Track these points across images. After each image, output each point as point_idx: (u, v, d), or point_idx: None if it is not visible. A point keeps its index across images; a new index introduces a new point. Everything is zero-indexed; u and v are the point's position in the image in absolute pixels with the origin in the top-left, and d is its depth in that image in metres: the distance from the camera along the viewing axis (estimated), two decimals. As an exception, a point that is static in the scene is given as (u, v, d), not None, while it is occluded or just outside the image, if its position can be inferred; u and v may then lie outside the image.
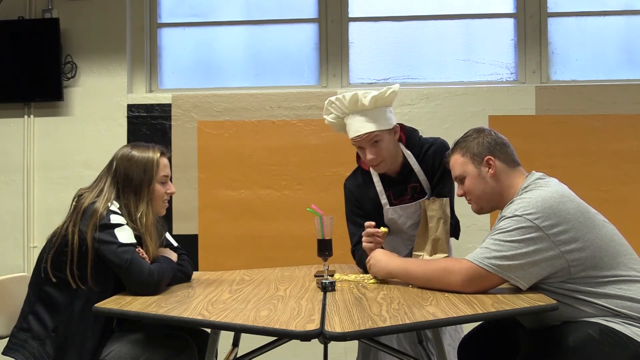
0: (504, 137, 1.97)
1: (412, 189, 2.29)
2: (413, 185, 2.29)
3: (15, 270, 3.33)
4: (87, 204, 1.92)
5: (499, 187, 1.91)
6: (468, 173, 1.94)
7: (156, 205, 2.06)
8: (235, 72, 3.74)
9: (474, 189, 1.94)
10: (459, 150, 1.96)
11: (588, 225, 1.72)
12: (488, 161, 1.90)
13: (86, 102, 3.59)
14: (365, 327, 1.42)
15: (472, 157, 1.93)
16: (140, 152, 2.03)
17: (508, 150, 1.94)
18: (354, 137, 2.19)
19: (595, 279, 1.71)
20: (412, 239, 2.28)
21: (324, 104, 2.32)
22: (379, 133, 2.16)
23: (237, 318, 1.53)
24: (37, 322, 1.89)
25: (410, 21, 3.65)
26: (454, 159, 1.97)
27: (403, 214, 2.30)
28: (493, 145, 1.92)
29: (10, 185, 3.60)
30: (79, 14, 3.58)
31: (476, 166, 1.92)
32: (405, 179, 2.29)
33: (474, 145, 1.93)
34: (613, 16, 3.58)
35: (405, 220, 2.31)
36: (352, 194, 2.36)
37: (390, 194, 2.30)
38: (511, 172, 1.91)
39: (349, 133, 2.23)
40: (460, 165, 1.95)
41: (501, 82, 3.59)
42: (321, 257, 1.94)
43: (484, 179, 1.91)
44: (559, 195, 1.74)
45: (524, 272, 1.72)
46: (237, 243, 3.51)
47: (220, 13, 3.75)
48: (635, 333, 1.65)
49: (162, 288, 1.93)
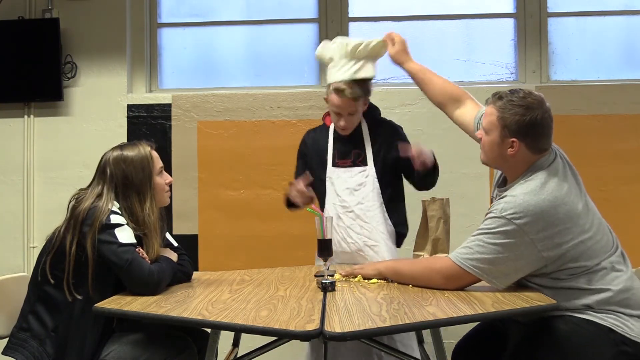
0: (549, 121, 1.84)
1: (355, 154, 2.47)
2: (357, 152, 2.47)
3: (15, 270, 3.33)
4: (88, 208, 1.89)
5: (511, 164, 1.86)
6: (491, 134, 1.85)
7: (160, 197, 2.06)
8: (235, 72, 3.74)
9: (488, 150, 1.88)
10: (497, 109, 1.83)
11: (575, 231, 1.73)
12: (513, 143, 1.81)
13: (86, 102, 3.59)
14: (365, 327, 1.42)
15: (503, 128, 1.82)
16: (132, 152, 2.01)
17: (541, 139, 1.83)
18: (345, 88, 2.33)
19: (566, 271, 1.75)
20: (344, 206, 2.43)
21: (324, 104, 2.35)
22: (357, 107, 2.39)
23: (237, 318, 1.53)
24: (37, 322, 1.89)
25: (410, 21, 3.64)
26: (491, 110, 1.85)
27: (341, 175, 2.46)
28: (529, 130, 1.80)
29: (10, 185, 3.60)
30: (79, 14, 3.57)
31: (501, 137, 1.83)
32: (353, 142, 2.49)
33: (511, 118, 1.80)
34: (613, 16, 3.58)
35: (341, 183, 2.46)
36: (306, 145, 2.63)
37: (336, 153, 2.50)
38: (531, 157, 1.84)
39: (338, 75, 2.36)
40: (490, 122, 1.85)
41: (501, 82, 3.59)
42: (321, 257, 1.94)
43: (501, 151, 1.84)
44: (552, 199, 1.74)
45: (503, 276, 1.77)
46: (237, 243, 3.50)
47: (220, 13, 3.74)
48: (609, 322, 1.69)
49: (162, 288, 1.93)
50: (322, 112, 3.56)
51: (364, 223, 2.42)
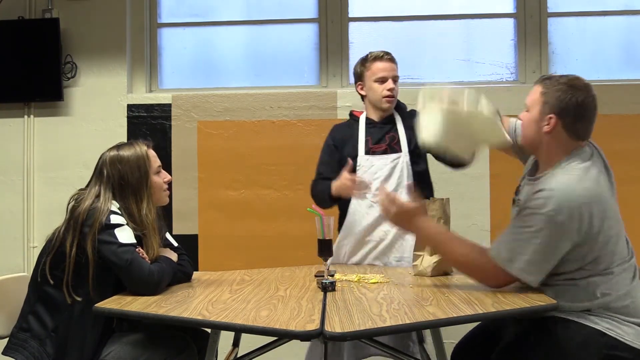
0: (593, 107, 1.81)
1: (390, 138, 2.54)
2: (392, 135, 2.54)
3: (15, 270, 3.33)
4: (87, 209, 1.89)
5: (546, 145, 1.82)
6: (532, 111, 1.83)
7: (158, 196, 2.06)
8: (235, 72, 3.74)
9: (527, 126, 1.86)
10: (543, 87, 1.83)
11: (604, 232, 1.72)
12: (550, 119, 1.78)
13: (86, 102, 3.59)
14: (365, 327, 1.42)
15: (544, 103, 1.80)
16: (128, 151, 2.00)
17: (580, 123, 1.80)
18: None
19: (582, 271, 1.73)
20: (377, 194, 2.40)
21: (324, 104, 2.36)
22: (398, 74, 2.58)
23: (237, 318, 1.53)
24: (37, 322, 1.89)
25: (410, 21, 3.64)
26: (537, 88, 1.84)
27: (375, 163, 2.48)
28: (568, 109, 1.78)
29: (10, 185, 3.60)
30: (79, 14, 3.57)
31: (540, 114, 1.81)
32: (387, 125, 2.57)
33: (555, 95, 1.79)
34: (613, 16, 3.58)
35: (375, 171, 2.47)
36: (334, 138, 2.64)
37: (370, 139, 2.54)
38: (568, 142, 1.80)
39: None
40: (533, 100, 1.84)
41: (501, 82, 3.59)
42: (321, 257, 1.94)
43: (538, 129, 1.81)
44: (590, 196, 1.71)
45: (538, 272, 1.73)
46: (237, 243, 3.50)
47: (220, 13, 3.74)
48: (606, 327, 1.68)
49: (162, 288, 1.93)
50: (322, 112, 3.57)
51: None
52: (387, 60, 2.55)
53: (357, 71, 2.63)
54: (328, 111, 3.48)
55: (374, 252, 2.49)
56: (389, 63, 2.54)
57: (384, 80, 2.52)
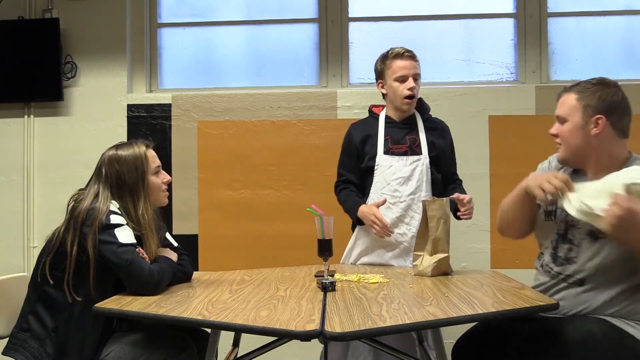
0: (628, 103, 1.80)
1: (411, 140, 2.49)
2: (412, 137, 2.50)
3: (15, 270, 3.33)
4: (87, 209, 1.89)
5: (595, 149, 1.78)
6: (572, 119, 1.79)
7: (157, 197, 2.06)
8: (235, 72, 3.74)
9: (569, 138, 1.81)
10: (576, 93, 1.79)
11: None
12: (597, 120, 1.74)
13: (86, 102, 3.59)
14: (365, 327, 1.42)
15: (585, 107, 1.76)
16: (126, 151, 2.01)
17: (625, 119, 1.78)
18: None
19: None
20: (396, 196, 2.43)
21: (324, 104, 2.35)
22: (419, 72, 2.53)
23: (237, 318, 1.53)
24: (37, 322, 1.89)
25: (410, 21, 3.64)
26: (567, 97, 1.81)
27: (394, 164, 2.45)
28: (613, 107, 1.75)
29: (10, 185, 3.60)
30: (79, 14, 3.57)
31: (584, 118, 1.77)
32: (407, 127, 2.52)
33: (594, 96, 1.76)
34: (613, 16, 3.58)
35: (393, 172, 2.45)
36: (352, 136, 2.58)
37: (389, 138, 2.50)
38: (616, 141, 1.78)
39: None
40: (568, 108, 1.80)
41: (501, 82, 3.59)
42: (321, 257, 1.94)
43: (585, 135, 1.77)
44: None
45: None
46: (237, 243, 3.50)
47: (220, 13, 3.74)
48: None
49: (162, 288, 1.93)
50: (322, 112, 3.57)
51: (414, 214, 2.44)
52: (408, 57, 2.50)
53: (378, 69, 2.58)
54: (328, 111, 3.48)
55: (393, 252, 2.48)
56: (409, 61, 2.50)
57: (405, 79, 2.48)
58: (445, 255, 2.14)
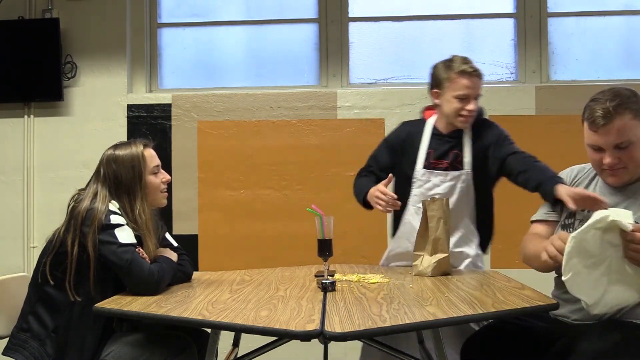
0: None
1: (453, 155, 2.35)
2: (456, 152, 2.35)
3: (15, 270, 3.33)
4: (86, 209, 1.89)
5: None
6: (637, 138, 1.65)
7: (155, 197, 2.06)
8: (235, 72, 3.74)
9: (638, 157, 1.67)
10: (629, 112, 1.64)
11: None
12: None
13: (86, 102, 3.59)
14: (365, 327, 1.42)
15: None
16: (124, 151, 2.00)
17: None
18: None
19: None
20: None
21: (324, 104, 2.34)
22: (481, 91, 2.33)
23: (237, 318, 1.53)
24: (37, 322, 1.89)
25: (410, 21, 3.65)
26: (623, 121, 1.64)
27: (432, 179, 2.34)
28: None
29: (10, 185, 3.60)
30: (79, 14, 3.58)
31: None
32: (452, 141, 2.36)
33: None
34: (613, 16, 3.58)
35: (430, 187, 2.33)
36: (399, 138, 2.44)
37: (432, 152, 2.37)
38: None
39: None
40: (631, 129, 1.64)
41: (501, 82, 3.59)
42: (321, 257, 1.94)
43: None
44: None
45: None
46: (237, 243, 3.50)
47: (220, 13, 3.75)
48: None
49: (162, 288, 1.92)
50: (322, 112, 3.57)
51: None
52: (475, 76, 2.29)
53: (437, 77, 2.35)
54: (328, 111, 3.48)
55: None
56: (475, 79, 2.29)
57: (466, 98, 2.28)
58: (445, 255, 2.14)
